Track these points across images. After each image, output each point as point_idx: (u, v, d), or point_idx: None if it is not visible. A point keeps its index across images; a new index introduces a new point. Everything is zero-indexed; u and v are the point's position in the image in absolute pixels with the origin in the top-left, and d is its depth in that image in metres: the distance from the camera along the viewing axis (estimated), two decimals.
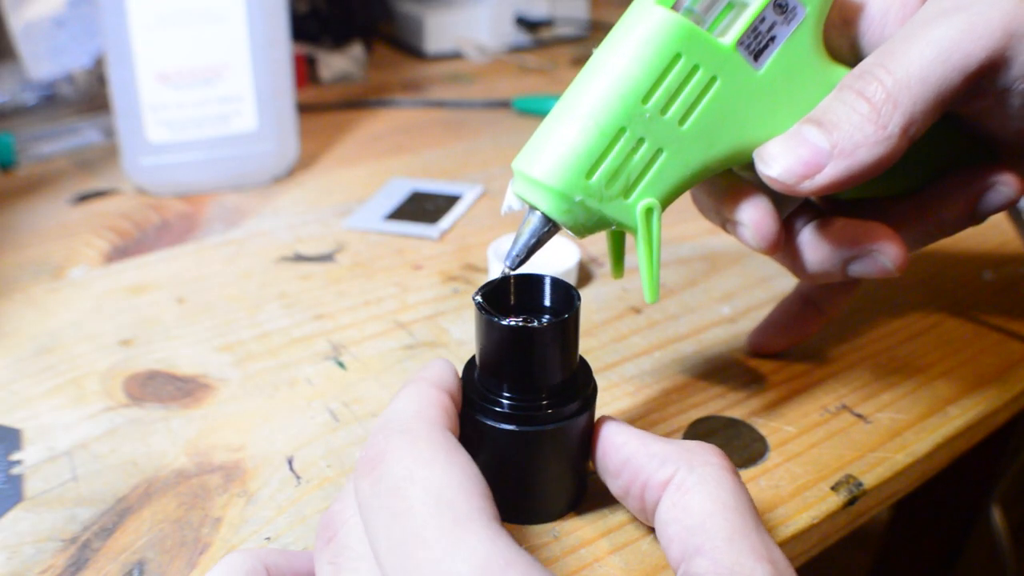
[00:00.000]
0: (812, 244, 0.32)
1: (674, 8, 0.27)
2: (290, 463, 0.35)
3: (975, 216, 0.32)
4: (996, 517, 0.64)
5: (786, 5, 0.28)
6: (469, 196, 0.59)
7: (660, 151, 0.28)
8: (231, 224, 0.56)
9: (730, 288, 0.47)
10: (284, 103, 0.61)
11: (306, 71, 0.87)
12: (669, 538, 0.25)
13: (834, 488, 0.33)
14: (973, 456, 0.42)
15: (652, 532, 0.30)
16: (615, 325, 0.44)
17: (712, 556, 0.23)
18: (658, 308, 0.45)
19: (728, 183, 0.31)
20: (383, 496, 0.23)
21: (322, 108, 0.79)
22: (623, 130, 0.27)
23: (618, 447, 0.28)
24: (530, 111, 0.76)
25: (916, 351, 0.41)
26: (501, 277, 0.30)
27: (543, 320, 0.29)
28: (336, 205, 0.58)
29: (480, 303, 0.28)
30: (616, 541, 0.30)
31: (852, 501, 0.32)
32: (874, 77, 0.27)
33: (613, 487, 0.29)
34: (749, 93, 0.28)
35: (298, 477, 0.34)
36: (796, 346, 0.41)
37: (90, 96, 0.75)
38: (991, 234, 0.51)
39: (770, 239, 0.30)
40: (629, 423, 0.30)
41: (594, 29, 1.04)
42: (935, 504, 0.71)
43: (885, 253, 0.31)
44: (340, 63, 0.88)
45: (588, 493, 0.32)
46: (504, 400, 0.29)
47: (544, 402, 0.28)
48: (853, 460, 0.34)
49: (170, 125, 0.59)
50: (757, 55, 0.28)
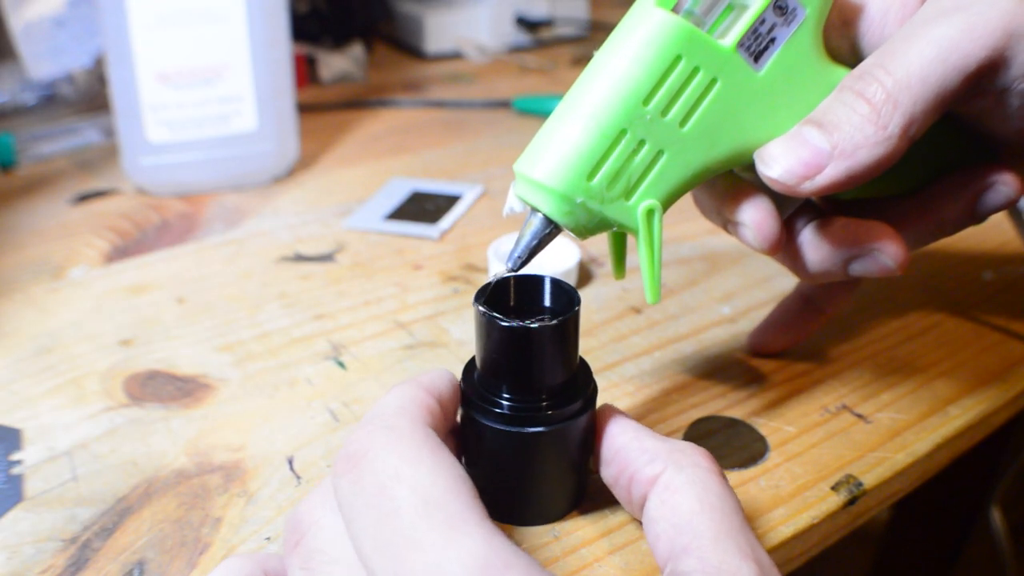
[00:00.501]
0: (813, 244, 0.32)
1: (674, 10, 0.27)
2: (290, 463, 0.35)
3: (975, 216, 0.32)
4: (996, 517, 0.64)
5: (786, 7, 0.28)
6: (469, 196, 0.59)
7: (661, 152, 0.28)
8: (231, 224, 0.56)
9: (730, 288, 0.47)
10: (284, 103, 0.61)
11: (306, 71, 0.87)
12: (656, 536, 0.25)
13: (834, 488, 0.33)
14: (973, 456, 0.42)
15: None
16: (615, 325, 0.44)
17: (699, 555, 0.24)
18: (658, 308, 0.45)
19: (729, 184, 0.31)
20: (367, 495, 0.23)
21: (322, 108, 0.79)
22: (624, 132, 0.27)
23: (613, 436, 0.29)
24: (530, 111, 0.76)
25: (916, 351, 0.41)
26: (501, 277, 0.30)
27: (543, 321, 0.29)
28: (336, 205, 0.58)
29: (480, 304, 0.28)
30: (616, 541, 0.30)
31: (852, 501, 0.33)
32: (874, 78, 0.27)
33: (604, 474, 0.29)
34: (750, 94, 0.29)
35: (298, 477, 0.34)
36: (796, 346, 0.41)
37: (90, 96, 0.75)
38: (991, 234, 0.51)
39: (771, 239, 0.30)
40: (627, 415, 0.30)
41: (594, 29, 1.04)
42: (935, 504, 0.71)
43: (886, 252, 0.31)
44: (340, 63, 0.88)
45: (588, 493, 0.32)
46: (504, 401, 0.29)
47: (544, 403, 0.28)
48: (853, 460, 0.34)
49: (170, 125, 0.59)
50: (757, 56, 0.28)
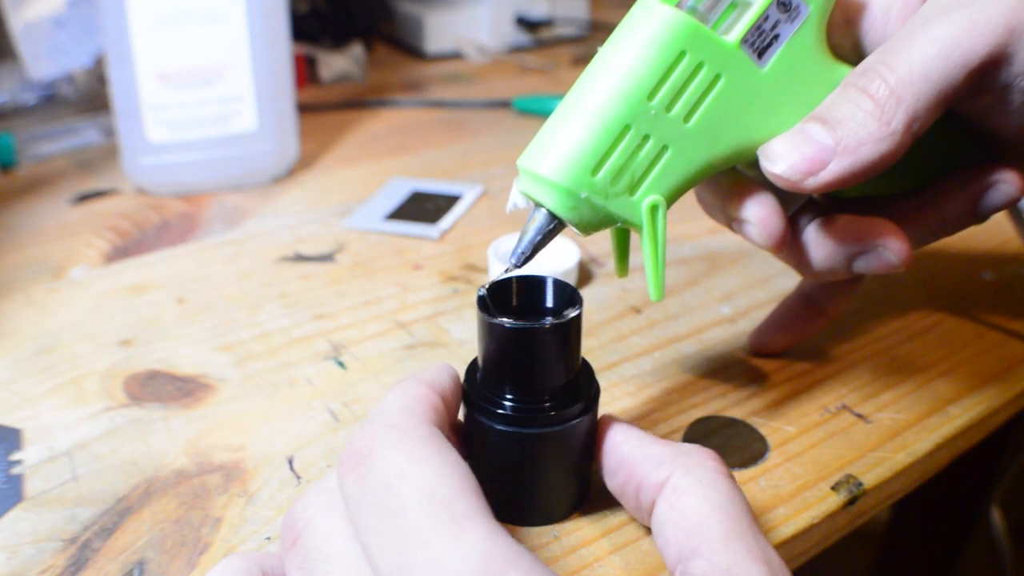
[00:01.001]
0: (817, 241, 0.32)
1: (678, 6, 0.27)
2: (290, 463, 0.35)
3: (977, 214, 0.32)
4: (996, 517, 0.64)
5: (789, 3, 0.28)
6: (469, 196, 0.59)
7: (665, 148, 0.28)
8: (231, 224, 0.56)
9: (730, 288, 0.47)
10: (284, 103, 0.61)
11: (306, 71, 0.87)
12: (665, 539, 0.25)
13: (834, 488, 0.33)
14: (973, 456, 0.42)
15: (651, 531, 0.30)
16: (615, 325, 0.44)
17: (709, 558, 0.23)
18: (658, 308, 0.45)
19: (733, 181, 0.31)
20: (373, 493, 0.23)
21: (322, 108, 0.79)
22: (628, 127, 0.27)
23: (616, 445, 0.29)
24: (530, 111, 0.76)
25: (916, 351, 0.41)
26: (503, 279, 0.30)
27: (545, 322, 0.29)
28: (336, 205, 0.58)
29: (483, 305, 0.28)
30: (617, 541, 0.30)
31: (852, 501, 0.32)
32: (877, 74, 0.27)
33: (610, 484, 0.29)
34: (753, 91, 0.29)
35: (298, 477, 0.34)
36: (797, 346, 0.41)
37: (90, 96, 0.75)
38: (991, 234, 0.51)
39: (777, 236, 0.30)
40: (629, 423, 0.30)
41: (594, 29, 1.04)
42: (935, 504, 0.71)
43: (890, 248, 0.31)
44: (340, 63, 0.88)
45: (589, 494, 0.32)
46: (507, 402, 0.28)
47: (547, 404, 0.28)
48: (853, 460, 0.34)
49: (170, 125, 0.59)
50: (761, 53, 0.28)
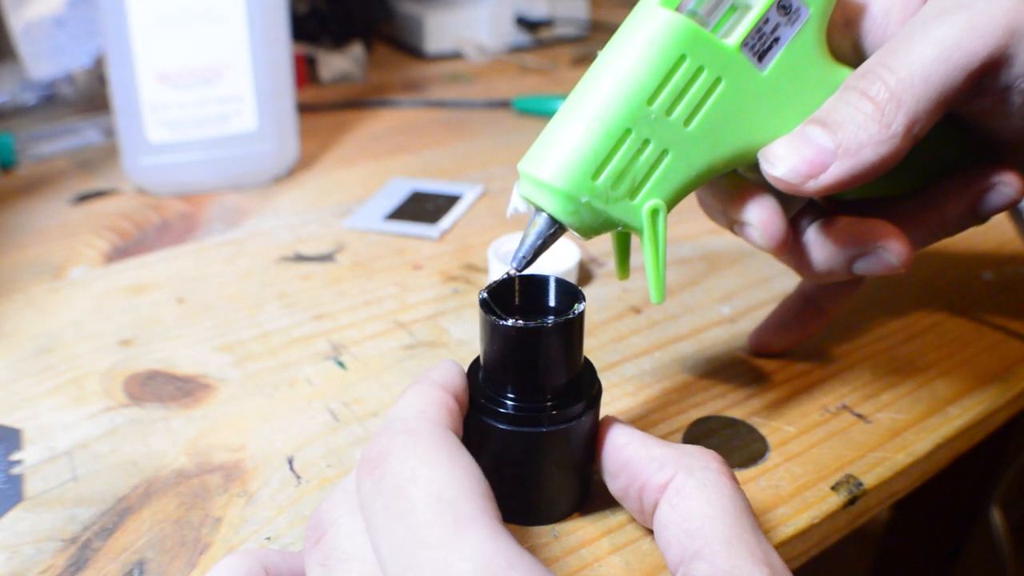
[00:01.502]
0: (818, 243, 0.32)
1: (678, 10, 0.27)
2: (290, 463, 0.35)
3: (977, 216, 0.32)
4: (996, 517, 0.64)
5: (790, 6, 0.28)
6: (469, 196, 0.59)
7: (666, 152, 0.28)
8: (231, 224, 0.56)
9: (730, 288, 0.47)
10: (284, 103, 0.61)
11: (306, 71, 0.87)
12: (667, 541, 0.25)
13: (834, 488, 0.33)
14: (973, 456, 0.42)
15: (652, 533, 0.30)
16: (615, 325, 0.44)
17: (710, 560, 0.23)
18: (658, 308, 0.45)
19: (733, 184, 0.31)
20: (385, 496, 0.23)
21: (322, 108, 0.79)
22: (629, 131, 0.27)
23: (619, 448, 0.29)
24: (530, 111, 0.76)
25: (916, 351, 0.41)
26: (506, 278, 0.30)
27: (547, 321, 0.29)
28: (336, 205, 0.58)
29: (485, 304, 0.28)
30: (617, 541, 0.30)
31: (852, 501, 0.32)
32: (877, 77, 0.27)
33: (612, 487, 0.29)
34: (753, 94, 0.29)
35: (298, 477, 0.34)
36: (797, 346, 0.41)
37: (90, 96, 0.75)
38: (991, 234, 0.51)
39: (778, 238, 0.30)
40: (629, 423, 0.30)
41: (594, 29, 1.04)
42: (935, 504, 0.71)
43: (890, 250, 0.31)
44: (340, 63, 0.88)
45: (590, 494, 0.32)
46: (508, 401, 0.29)
47: (549, 403, 0.28)
48: (853, 460, 0.34)
49: (170, 125, 0.59)
50: (761, 56, 0.28)
